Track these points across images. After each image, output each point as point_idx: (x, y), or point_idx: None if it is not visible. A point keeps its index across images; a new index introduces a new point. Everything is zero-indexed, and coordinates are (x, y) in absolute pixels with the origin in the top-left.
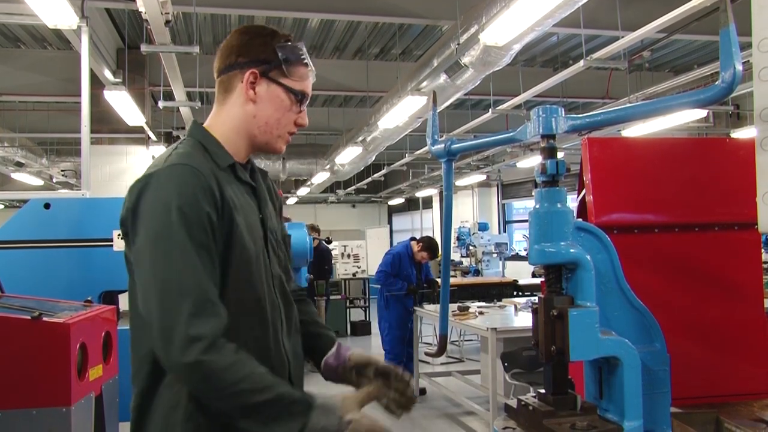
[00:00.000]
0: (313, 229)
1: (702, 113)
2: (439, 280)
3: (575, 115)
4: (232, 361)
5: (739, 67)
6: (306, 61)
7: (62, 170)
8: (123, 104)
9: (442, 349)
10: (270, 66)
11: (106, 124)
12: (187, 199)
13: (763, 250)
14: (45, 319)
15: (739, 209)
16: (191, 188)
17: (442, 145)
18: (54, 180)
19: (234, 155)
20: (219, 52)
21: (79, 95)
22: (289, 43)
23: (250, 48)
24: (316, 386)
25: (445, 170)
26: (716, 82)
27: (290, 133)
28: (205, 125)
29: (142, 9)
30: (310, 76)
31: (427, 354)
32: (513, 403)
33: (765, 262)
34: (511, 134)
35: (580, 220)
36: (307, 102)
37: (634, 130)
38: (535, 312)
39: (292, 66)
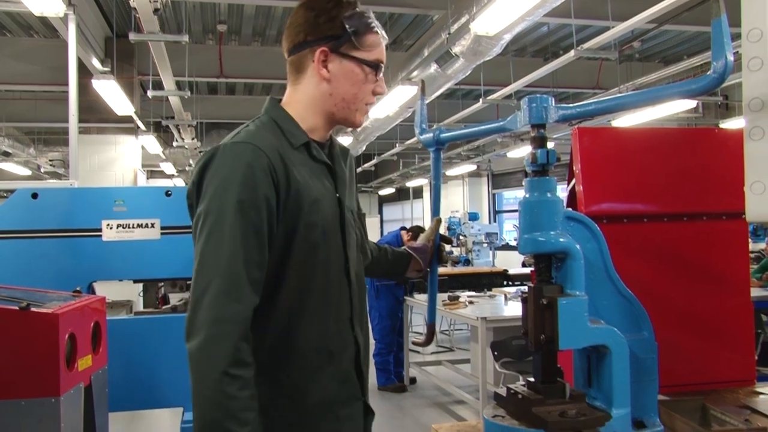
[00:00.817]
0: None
1: (691, 104)
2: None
3: (566, 105)
4: (237, 373)
5: (731, 58)
6: (375, 28)
7: (50, 160)
8: (111, 93)
9: (429, 338)
10: (340, 41)
11: (95, 113)
12: (244, 179)
13: (750, 240)
14: (33, 309)
15: (727, 199)
16: (250, 168)
17: (431, 134)
18: (42, 170)
19: (311, 133)
20: (286, 30)
21: (67, 84)
22: (357, 12)
23: (316, 24)
24: None
25: (434, 159)
26: (708, 73)
27: (368, 104)
28: (282, 103)
29: None
30: (383, 42)
31: (414, 343)
32: (502, 391)
33: (751, 252)
34: (501, 123)
35: (570, 209)
36: (383, 69)
37: (624, 121)
38: (524, 301)
39: (362, 36)
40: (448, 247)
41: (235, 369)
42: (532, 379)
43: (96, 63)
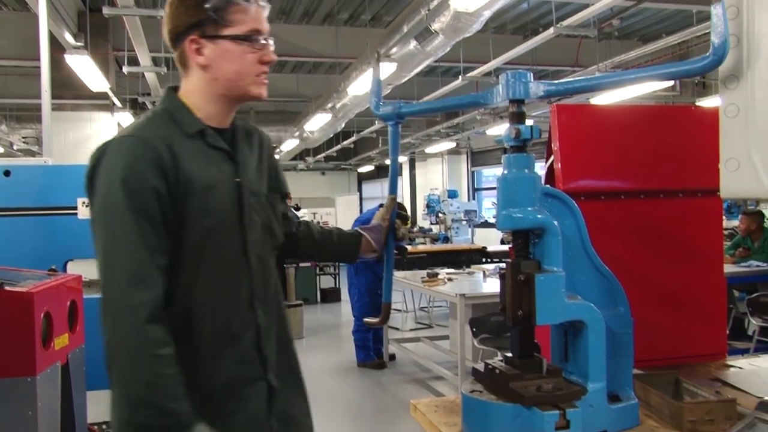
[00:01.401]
0: (288, 197)
1: (670, 82)
2: (409, 247)
3: (552, 81)
4: (161, 353)
5: (729, 41)
6: (236, 1)
7: (23, 137)
8: (85, 69)
9: (385, 317)
10: (204, 24)
11: (69, 89)
12: (132, 171)
13: (724, 217)
14: (7, 288)
15: (703, 176)
16: (137, 160)
17: (391, 108)
18: (15, 147)
19: (209, 120)
20: (164, 27)
21: (39, 59)
22: None
23: (180, 15)
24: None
25: (393, 133)
26: (706, 54)
27: (262, 74)
28: (179, 93)
29: None
30: (256, 10)
31: (367, 323)
32: (480, 367)
33: (725, 229)
34: (472, 98)
35: (548, 186)
36: (265, 37)
37: (603, 98)
38: (502, 277)
39: (225, 13)
40: (427, 225)
41: (156, 349)
42: (509, 355)
43: (69, 37)
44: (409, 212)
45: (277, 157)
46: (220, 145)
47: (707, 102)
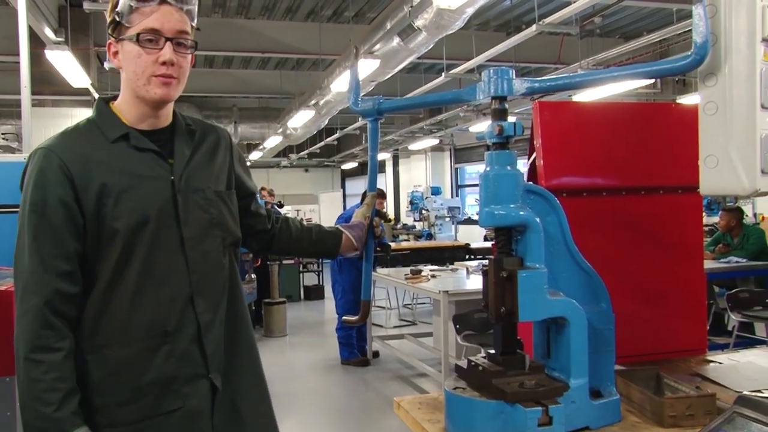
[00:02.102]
0: (270, 194)
1: (650, 80)
2: (392, 245)
3: (535, 78)
4: (39, 358)
5: (710, 41)
6: (133, 5)
7: (2, 133)
8: (66, 65)
9: (364, 315)
10: (113, 29)
11: (49, 85)
12: (36, 182)
13: (704, 213)
14: None
15: (683, 173)
16: (42, 172)
17: (371, 103)
18: None
19: (137, 123)
20: None
21: (18, 54)
22: None
23: (106, 23)
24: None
25: (372, 129)
26: (688, 53)
27: (161, 75)
28: (115, 101)
29: None
30: (155, 11)
31: (346, 321)
32: (464, 363)
33: (705, 225)
34: (454, 95)
35: (530, 183)
36: (157, 37)
37: (584, 95)
38: (485, 274)
39: (128, 16)
40: (410, 221)
41: (36, 354)
42: (492, 352)
43: (49, 33)
44: (392, 209)
45: (258, 155)
46: (146, 146)
47: (687, 99)
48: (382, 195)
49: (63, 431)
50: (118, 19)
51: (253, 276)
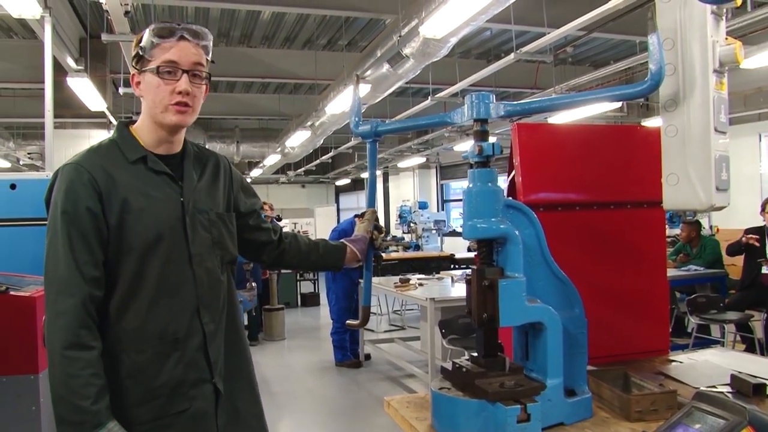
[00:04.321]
0: (270, 208)
1: (617, 104)
2: (383, 255)
3: (510, 102)
4: (77, 356)
5: (664, 67)
6: (155, 41)
7: (28, 153)
8: (85, 91)
9: (365, 319)
10: (137, 61)
11: (70, 109)
12: (67, 194)
13: (666, 226)
14: (12, 293)
15: (647, 189)
16: (72, 184)
17: (369, 126)
18: (21, 162)
19: (154, 147)
20: None
21: (44, 82)
22: (146, 32)
23: (132, 52)
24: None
25: (371, 150)
26: (645, 79)
27: (177, 104)
28: (134, 125)
29: (102, 0)
30: (174, 46)
31: (349, 325)
32: (449, 365)
33: (668, 237)
34: (442, 117)
35: (510, 198)
36: (174, 69)
37: (559, 118)
38: (468, 283)
39: (150, 51)
40: (399, 234)
41: (74, 352)
42: (475, 354)
43: (71, 62)
44: (382, 222)
45: (258, 172)
46: (161, 169)
47: (651, 122)
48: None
49: (100, 423)
50: (141, 53)
51: (253, 284)
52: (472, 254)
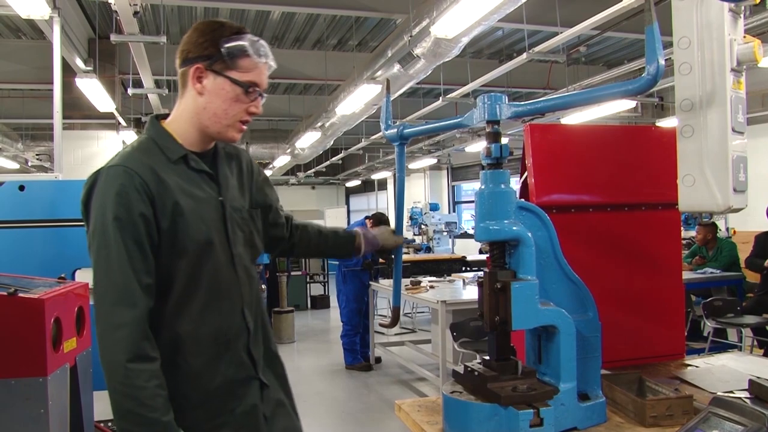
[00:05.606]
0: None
1: (631, 104)
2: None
3: (518, 103)
4: (141, 368)
5: (662, 62)
6: (252, 54)
7: (37, 154)
8: (94, 91)
9: (395, 320)
10: (213, 60)
11: (78, 110)
12: (119, 199)
13: (682, 228)
14: (21, 294)
15: (662, 190)
16: (123, 188)
17: (395, 130)
18: (29, 163)
19: (190, 145)
20: (178, 50)
21: (52, 83)
22: (233, 37)
23: (197, 44)
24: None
25: (398, 153)
26: (643, 75)
27: (243, 122)
28: (168, 119)
29: (111, 0)
30: (261, 67)
31: (381, 325)
32: (460, 369)
33: (684, 239)
34: (459, 120)
35: (522, 200)
36: (259, 92)
37: (572, 118)
38: (480, 285)
39: (236, 59)
40: (410, 236)
41: (138, 364)
42: (487, 358)
43: (79, 63)
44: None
45: (268, 173)
46: (202, 168)
47: (665, 122)
48: (381, 221)
49: None
50: (223, 54)
51: (263, 286)
52: (483, 256)
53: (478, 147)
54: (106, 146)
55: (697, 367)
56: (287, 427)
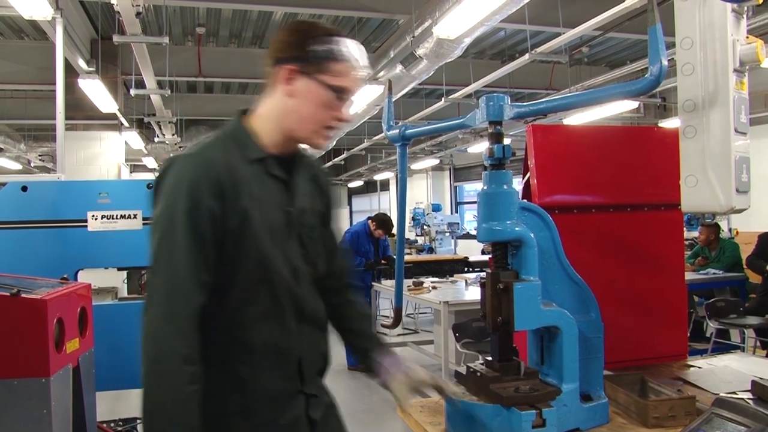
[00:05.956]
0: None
1: (634, 104)
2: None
3: (520, 104)
4: (184, 368)
5: (665, 62)
6: (346, 59)
7: (39, 155)
8: (96, 92)
9: (397, 320)
10: (307, 62)
11: (81, 111)
12: (191, 190)
13: (684, 228)
14: (23, 295)
15: (665, 191)
16: (197, 180)
17: (397, 131)
18: (32, 164)
19: (272, 147)
20: (268, 49)
21: (55, 83)
22: (328, 39)
23: (290, 44)
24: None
25: (400, 154)
26: (645, 76)
27: (329, 128)
28: (253, 115)
29: (113, 1)
30: (354, 72)
31: (383, 326)
32: (463, 370)
33: (686, 239)
34: (461, 120)
35: (525, 200)
36: (349, 98)
37: (574, 119)
38: (483, 286)
39: (329, 62)
40: (412, 236)
41: (180, 362)
42: (490, 358)
43: (82, 63)
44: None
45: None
46: (277, 174)
47: (668, 123)
48: (383, 222)
49: None
50: (315, 55)
51: None
52: (485, 257)
53: (480, 148)
54: (109, 147)
55: (699, 368)
56: (337, 430)
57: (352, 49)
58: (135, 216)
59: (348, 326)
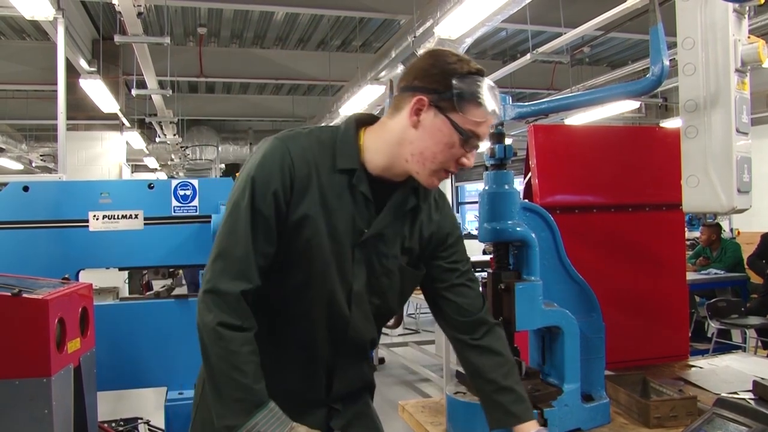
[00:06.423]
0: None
1: (635, 104)
2: None
3: (522, 104)
4: (233, 335)
5: (666, 62)
6: (483, 102)
7: (41, 155)
8: (98, 92)
9: (398, 320)
10: (441, 96)
11: (82, 111)
12: (262, 172)
13: (686, 229)
14: (25, 295)
15: (666, 191)
16: (270, 162)
17: None
18: (33, 164)
19: (371, 165)
20: (404, 70)
21: (56, 84)
22: (474, 79)
23: (428, 74)
24: None
25: None
26: (647, 76)
27: (448, 171)
28: (368, 129)
29: (115, 1)
30: (488, 119)
31: (385, 326)
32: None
33: (687, 240)
34: None
35: (526, 200)
36: (477, 145)
37: (576, 119)
38: (484, 286)
39: (464, 102)
40: None
41: (233, 332)
42: None
43: (83, 64)
44: None
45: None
46: (363, 191)
47: (670, 123)
48: None
49: (262, 402)
50: (453, 92)
51: None
52: (487, 257)
53: (481, 147)
54: (110, 147)
55: (701, 368)
56: None
57: (493, 93)
58: (136, 216)
59: (492, 378)
